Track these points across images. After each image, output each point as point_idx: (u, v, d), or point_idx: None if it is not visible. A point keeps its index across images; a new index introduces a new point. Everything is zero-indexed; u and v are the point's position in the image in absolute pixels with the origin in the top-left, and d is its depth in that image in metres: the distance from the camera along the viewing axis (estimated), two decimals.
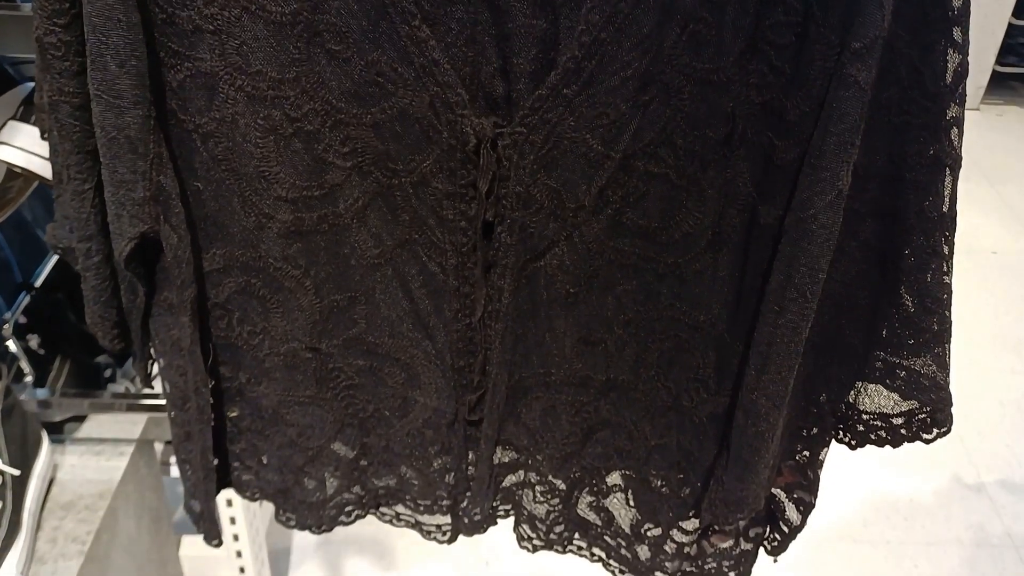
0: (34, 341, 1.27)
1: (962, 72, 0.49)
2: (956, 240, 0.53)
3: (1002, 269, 2.32)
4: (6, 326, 1.14)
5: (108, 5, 0.50)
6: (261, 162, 0.56)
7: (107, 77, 0.51)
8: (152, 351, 0.65)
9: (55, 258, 1.31)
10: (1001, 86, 3.29)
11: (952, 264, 0.53)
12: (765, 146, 0.52)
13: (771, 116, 0.52)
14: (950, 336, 0.56)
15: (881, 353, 0.59)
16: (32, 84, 1.06)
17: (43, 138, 0.63)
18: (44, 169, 0.99)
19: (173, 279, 0.58)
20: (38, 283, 1.27)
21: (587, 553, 0.75)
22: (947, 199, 0.52)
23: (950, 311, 0.55)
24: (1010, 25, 3.06)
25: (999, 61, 3.16)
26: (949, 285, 0.54)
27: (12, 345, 1.15)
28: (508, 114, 0.55)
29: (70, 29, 0.53)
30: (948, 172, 0.51)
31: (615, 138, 0.54)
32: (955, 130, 0.50)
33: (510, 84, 0.54)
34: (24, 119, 1.01)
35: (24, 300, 1.22)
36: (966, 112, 0.52)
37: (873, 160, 0.51)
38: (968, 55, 0.48)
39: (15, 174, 1.04)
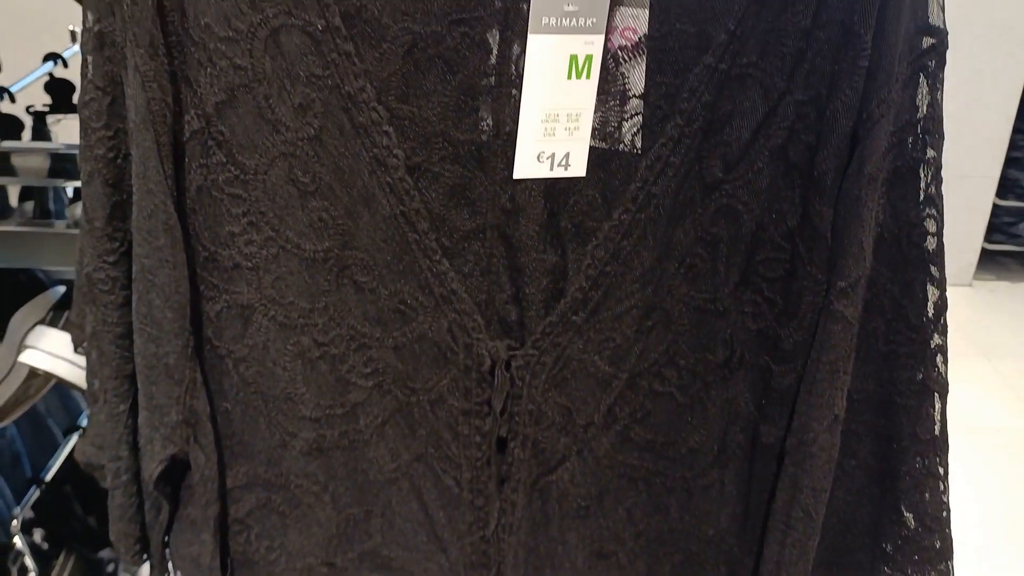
0: (38, 535, 1.27)
1: (942, 305, 0.53)
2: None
3: (1006, 448, 2.31)
4: (15, 522, 1.14)
5: (158, 247, 0.55)
6: (288, 384, 0.59)
7: (152, 312, 0.56)
8: (170, 565, 0.66)
9: (66, 451, 1.32)
10: (991, 262, 3.40)
11: (948, 484, 0.56)
12: (763, 369, 0.56)
13: (767, 342, 0.55)
14: (952, 553, 0.57)
15: (887, 569, 0.60)
16: (62, 288, 1.12)
17: (76, 351, 0.67)
18: (69, 373, 1.02)
19: (198, 497, 0.60)
20: (48, 477, 1.27)
21: None
22: (938, 422, 0.55)
23: (950, 528, 0.57)
24: (995, 205, 3.21)
25: (987, 239, 3.28)
26: (947, 504, 0.56)
27: (19, 541, 1.15)
28: (521, 337, 0.58)
29: (118, 266, 0.58)
30: (936, 397, 0.55)
31: (621, 360, 0.57)
32: (940, 357, 0.54)
33: (522, 311, 0.58)
34: (53, 323, 1.05)
35: (33, 494, 1.22)
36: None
37: (865, 385, 0.55)
38: (946, 290, 0.53)
39: (36, 373, 1.07)
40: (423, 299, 0.57)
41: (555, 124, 0.53)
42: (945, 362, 0.54)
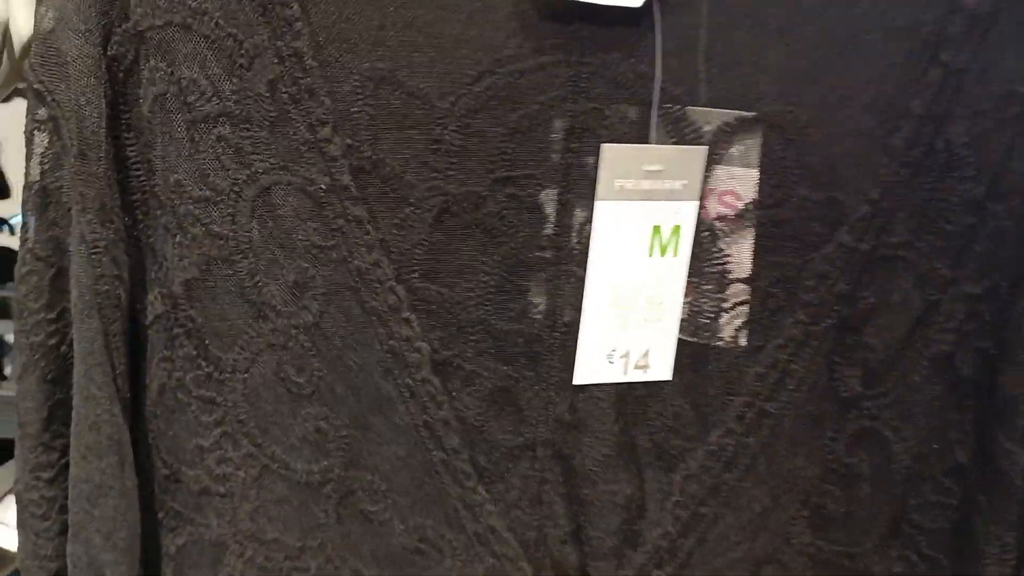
0: None
1: None
2: None
3: None
4: None
5: (100, 469, 0.41)
6: None
7: (89, 552, 0.42)
8: None
9: None
10: None
11: None
12: None
13: None
14: None
15: None
16: None
17: None
18: None
19: None
20: None
21: None
22: None
23: None
24: None
25: None
26: None
27: None
28: None
29: (56, 484, 0.44)
30: None
31: None
32: None
33: (584, 557, 0.43)
34: None
35: None
36: None
37: None
38: None
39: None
40: (451, 537, 0.43)
41: (630, 312, 0.40)
42: None
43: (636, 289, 0.39)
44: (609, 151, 0.37)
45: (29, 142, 0.41)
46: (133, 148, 0.41)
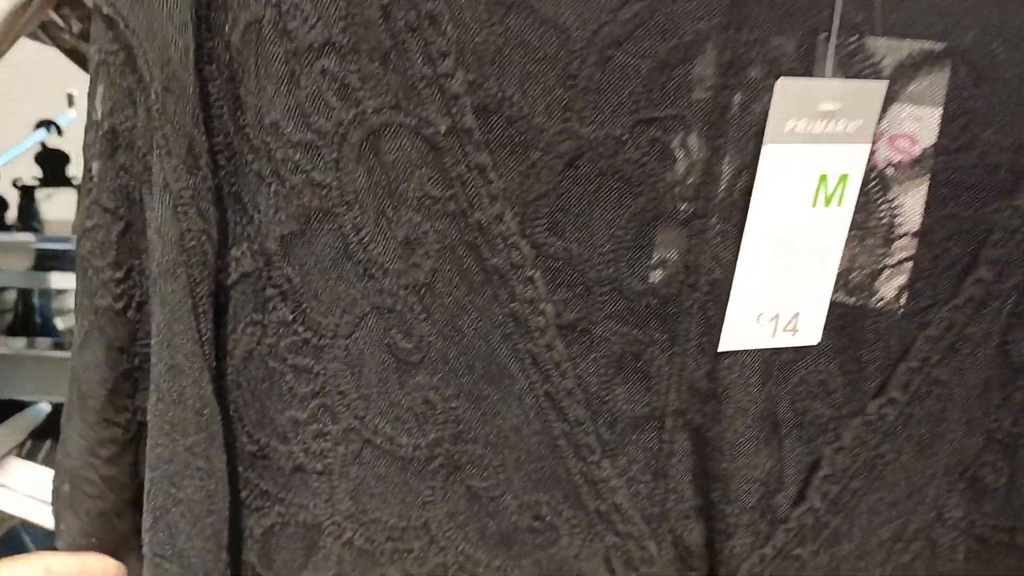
0: None
1: None
2: None
3: None
4: None
5: (187, 447, 0.37)
6: None
7: (175, 539, 0.37)
8: None
9: None
10: None
11: None
12: None
13: None
14: None
15: None
16: (47, 408, 0.93)
17: None
18: (38, 515, 0.83)
19: None
20: None
21: None
22: None
23: None
24: None
25: None
26: None
27: None
28: (708, 571, 0.40)
29: (116, 462, 0.40)
30: None
31: None
32: None
33: (713, 535, 0.40)
34: (32, 454, 0.86)
35: None
36: None
37: None
38: None
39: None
40: (569, 515, 0.39)
41: (786, 270, 0.36)
42: None
43: (795, 244, 0.35)
44: (784, 87, 0.32)
45: (95, 78, 0.35)
46: (217, 84, 0.35)
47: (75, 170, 1.50)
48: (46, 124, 1.38)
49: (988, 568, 0.40)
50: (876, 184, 0.35)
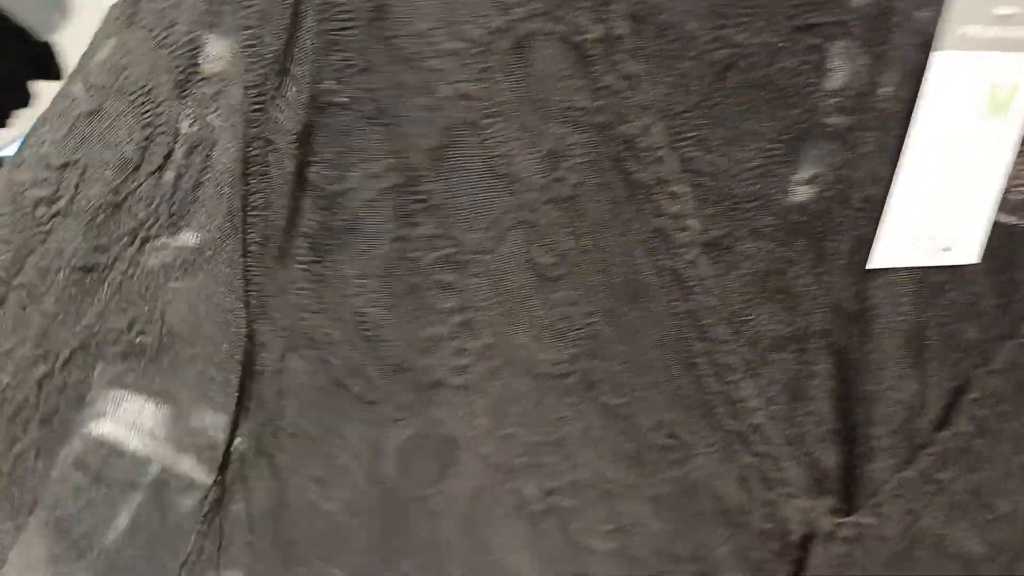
0: None
1: None
2: None
3: None
4: None
5: None
6: (499, 551, 0.41)
7: None
8: None
9: None
10: None
11: None
12: None
13: None
14: None
15: None
16: None
17: None
18: None
19: None
20: None
21: None
22: None
23: None
24: None
25: None
26: None
27: None
28: (846, 496, 0.40)
29: None
30: None
31: (1003, 539, 0.38)
32: None
33: (853, 458, 0.39)
34: None
35: None
36: None
37: None
38: None
39: None
40: (705, 434, 0.39)
41: (947, 186, 0.35)
42: None
43: (959, 158, 0.34)
44: None
45: None
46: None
47: None
48: None
49: None
50: None
